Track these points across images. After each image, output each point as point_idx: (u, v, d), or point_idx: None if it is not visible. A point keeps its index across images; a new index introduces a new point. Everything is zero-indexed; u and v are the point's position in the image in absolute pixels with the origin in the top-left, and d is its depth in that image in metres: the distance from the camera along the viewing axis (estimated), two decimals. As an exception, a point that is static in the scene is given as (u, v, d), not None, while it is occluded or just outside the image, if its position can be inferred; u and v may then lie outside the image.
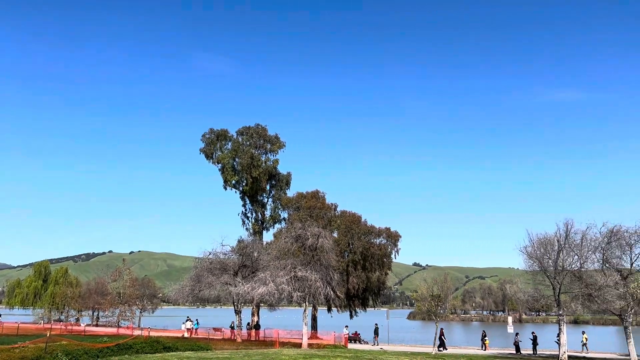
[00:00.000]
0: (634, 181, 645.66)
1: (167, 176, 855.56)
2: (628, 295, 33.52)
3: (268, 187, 66.55)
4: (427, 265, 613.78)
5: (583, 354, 42.71)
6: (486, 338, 49.65)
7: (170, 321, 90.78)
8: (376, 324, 53.99)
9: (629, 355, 34.34)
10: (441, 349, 45.21)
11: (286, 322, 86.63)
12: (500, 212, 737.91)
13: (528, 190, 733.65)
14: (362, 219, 61.50)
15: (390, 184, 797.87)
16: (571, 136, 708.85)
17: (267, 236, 65.33)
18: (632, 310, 34.95)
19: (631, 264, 35.14)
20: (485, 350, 47.55)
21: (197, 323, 58.10)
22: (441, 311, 42.50)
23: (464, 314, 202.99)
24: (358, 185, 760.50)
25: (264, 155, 64.97)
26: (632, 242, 35.02)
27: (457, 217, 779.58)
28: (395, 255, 62.59)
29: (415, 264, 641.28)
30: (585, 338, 46.81)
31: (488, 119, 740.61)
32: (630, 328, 34.81)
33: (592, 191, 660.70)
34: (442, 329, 48.47)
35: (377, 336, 52.59)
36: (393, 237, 61.93)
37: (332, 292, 44.01)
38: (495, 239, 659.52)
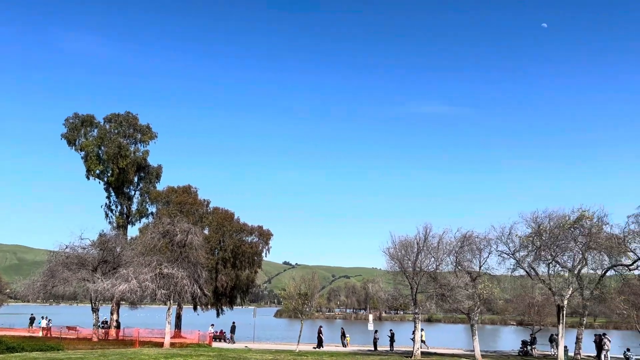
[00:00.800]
0: (483, 187, 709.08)
1: (22, 161, 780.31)
2: (476, 295, 36.63)
3: (136, 179, 63.37)
4: (296, 264, 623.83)
5: (429, 350, 45.86)
6: (347, 335, 51.50)
7: (17, 319, 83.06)
8: (233, 322, 53.88)
9: (473, 350, 37.54)
10: (320, 347, 46.60)
11: (149, 321, 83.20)
12: (366, 215, 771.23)
13: (392, 195, 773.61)
14: (235, 217, 60.93)
15: (264, 182, 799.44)
16: (434, 145, 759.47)
17: (133, 231, 62.28)
18: (479, 310, 38.34)
19: (480, 267, 38.46)
20: (346, 347, 49.30)
21: (46, 321, 54.08)
22: (307, 309, 43.38)
23: (328, 312, 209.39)
24: (233, 182, 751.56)
25: (133, 145, 61.77)
26: (482, 246, 38.38)
27: (327, 217, 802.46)
28: (266, 253, 62.88)
29: (285, 263, 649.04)
30: (423, 334, 49.46)
31: (358, 128, 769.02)
32: (475, 326, 38.04)
33: (450, 196, 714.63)
34: (320, 326, 49.82)
35: (234, 334, 52.54)
36: (265, 236, 62.10)
37: (199, 290, 43.03)
38: (362, 239, 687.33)
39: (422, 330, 48.15)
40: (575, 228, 37.47)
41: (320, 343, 47.46)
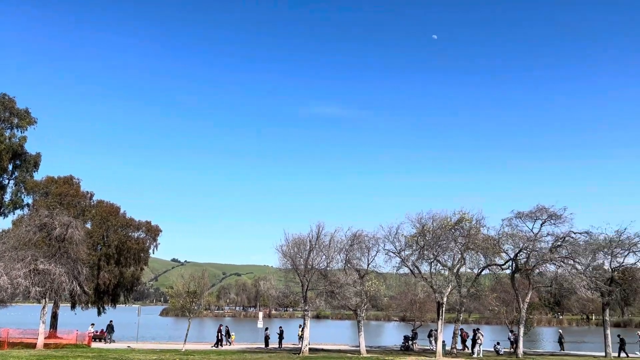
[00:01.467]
0: (374, 187, 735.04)
1: None
2: (363, 292, 37.82)
3: (10, 167, 58.10)
4: (186, 261, 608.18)
5: (321, 345, 46.70)
6: (232, 333, 50.96)
7: None
8: (111, 321, 51.55)
9: (359, 346, 38.70)
10: (218, 345, 45.92)
11: (21, 320, 76.89)
12: (260, 214, 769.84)
13: (285, 194, 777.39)
14: (121, 211, 58.07)
15: (153, 177, 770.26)
16: (326, 146, 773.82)
17: (5, 223, 57.23)
18: (365, 306, 39.63)
19: (368, 265, 39.78)
20: (230, 345, 48.57)
21: None
22: (196, 307, 42.37)
23: (217, 309, 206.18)
24: (119, 175, 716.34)
25: (8, 131, 56.58)
26: (370, 245, 39.73)
27: (219, 215, 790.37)
28: (154, 250, 60.58)
29: (174, 260, 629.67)
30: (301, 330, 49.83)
31: (248, 125, 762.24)
32: (362, 322, 39.26)
33: (342, 196, 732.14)
34: (220, 325, 48.93)
35: (111, 334, 50.29)
36: (153, 232, 59.79)
37: (78, 288, 40.47)
38: (255, 237, 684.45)
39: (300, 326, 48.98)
40: (456, 229, 39.84)
41: (219, 342, 46.81)
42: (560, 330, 58.74)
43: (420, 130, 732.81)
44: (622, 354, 43.50)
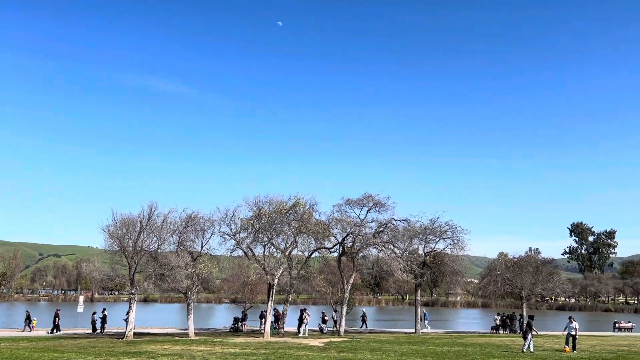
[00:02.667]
0: (211, 169, 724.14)
1: None
2: (195, 275, 37.24)
3: None
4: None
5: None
6: (34, 319, 46.95)
7: None
8: None
9: (187, 329, 38.12)
10: (55, 331, 42.54)
11: None
12: (86, 193, 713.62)
13: (114, 174, 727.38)
14: None
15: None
16: (160, 124, 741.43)
17: None
18: (196, 289, 39.09)
19: (201, 247, 39.21)
20: (31, 331, 44.58)
21: None
22: (5, 290, 38.18)
23: (31, 293, 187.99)
24: None
25: None
26: (205, 227, 39.17)
27: (39, 192, 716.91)
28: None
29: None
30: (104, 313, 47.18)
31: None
32: (192, 305, 38.68)
33: (179, 178, 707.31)
34: (58, 310, 44.53)
35: None
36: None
37: None
38: (78, 217, 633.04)
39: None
40: (290, 213, 40.99)
41: (55, 327, 43.08)
42: (364, 309, 63.39)
43: (260, 115, 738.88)
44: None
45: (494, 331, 51.18)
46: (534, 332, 27.91)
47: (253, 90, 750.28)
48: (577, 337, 28.60)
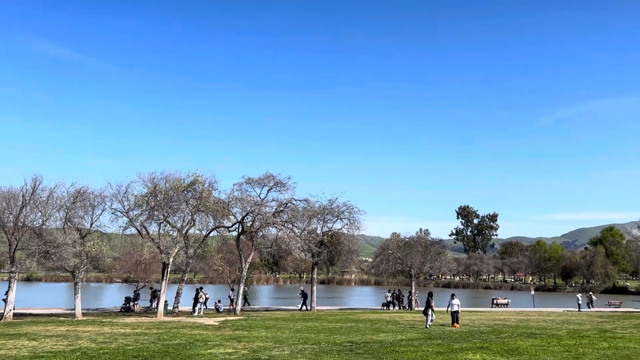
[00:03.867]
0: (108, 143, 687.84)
1: None
2: (84, 253, 35.38)
3: None
4: None
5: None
6: None
7: None
8: None
9: (74, 309, 36.26)
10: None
11: None
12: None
13: None
14: None
15: None
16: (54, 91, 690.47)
17: None
18: (85, 267, 37.18)
19: (91, 224, 37.27)
20: None
21: None
22: None
23: None
24: None
25: None
26: (96, 203, 37.24)
27: None
28: None
29: None
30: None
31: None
32: (79, 284, 36.78)
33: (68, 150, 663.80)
34: None
35: None
36: None
37: None
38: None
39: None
40: (189, 191, 40.04)
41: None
42: (245, 288, 62.83)
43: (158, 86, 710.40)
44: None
45: (385, 307, 53.57)
46: (431, 308, 29.42)
47: (154, 61, 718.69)
48: (459, 312, 30.61)
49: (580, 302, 56.71)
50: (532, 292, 71.62)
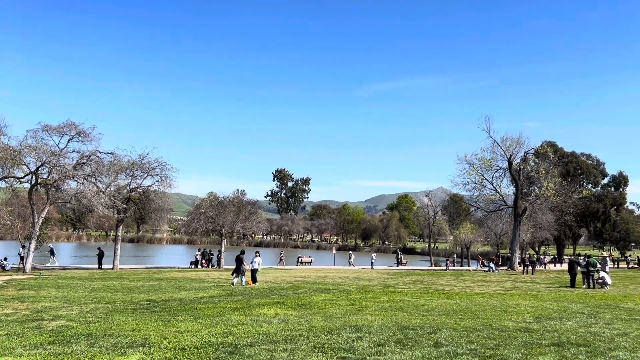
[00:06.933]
0: None
1: None
2: None
3: None
4: None
5: None
6: None
7: None
8: None
9: None
10: None
11: None
12: None
13: None
14: None
15: None
16: None
17: None
18: None
19: None
20: None
21: None
22: None
23: None
24: None
25: None
26: None
27: None
28: None
29: None
30: None
31: None
32: None
33: None
34: None
35: None
36: None
37: None
38: None
39: None
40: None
41: None
42: (51, 244, 58.14)
43: None
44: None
45: (193, 266, 53.41)
46: (244, 267, 29.76)
47: None
48: (258, 270, 31.38)
49: (373, 260, 62.63)
50: (334, 252, 77.29)
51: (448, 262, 66.17)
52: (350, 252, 75.24)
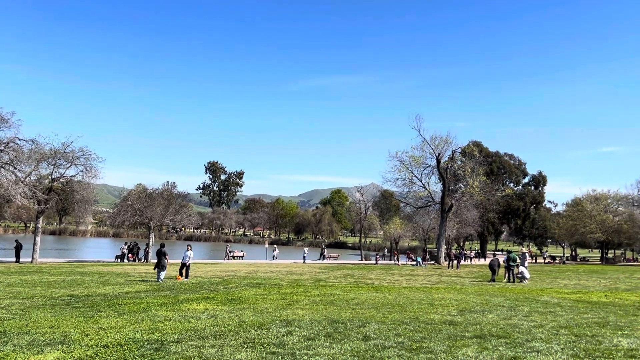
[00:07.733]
0: None
1: None
2: None
3: None
4: None
5: None
6: None
7: None
8: None
9: None
10: None
11: None
12: None
13: None
14: None
15: None
16: None
17: None
18: None
19: None
20: None
21: None
22: None
23: None
24: None
25: None
26: None
27: None
28: None
29: None
30: None
31: None
32: None
33: None
34: None
35: None
36: None
37: None
38: None
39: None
40: None
41: None
42: None
43: None
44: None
45: (119, 260, 51.62)
46: (166, 261, 29.04)
47: None
48: (190, 264, 30.81)
49: (306, 254, 62.89)
50: (266, 246, 76.99)
51: (378, 256, 67.53)
52: (275, 246, 76.50)
